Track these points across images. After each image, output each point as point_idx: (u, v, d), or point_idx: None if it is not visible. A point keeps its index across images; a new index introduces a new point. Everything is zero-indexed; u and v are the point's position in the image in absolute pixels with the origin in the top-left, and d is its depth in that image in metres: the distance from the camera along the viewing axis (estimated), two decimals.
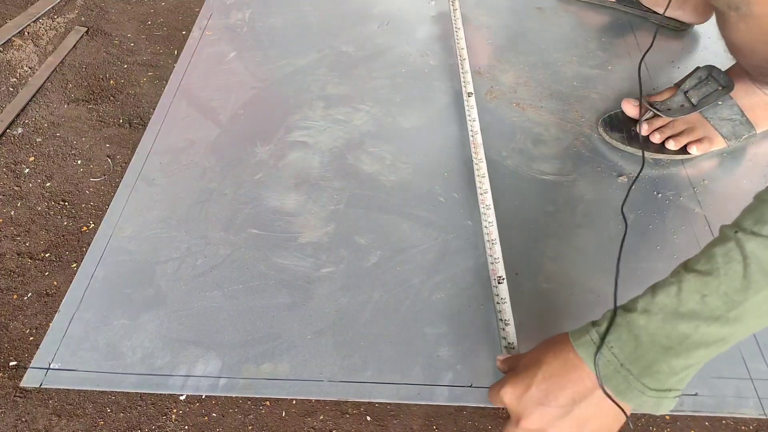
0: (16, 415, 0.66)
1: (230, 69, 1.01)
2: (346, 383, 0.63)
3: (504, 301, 0.67)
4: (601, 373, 0.49)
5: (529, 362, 0.54)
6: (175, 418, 0.66)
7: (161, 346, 0.66)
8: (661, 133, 0.84)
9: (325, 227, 0.77)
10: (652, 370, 0.47)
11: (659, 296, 0.48)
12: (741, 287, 0.44)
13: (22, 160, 0.91)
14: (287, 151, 0.87)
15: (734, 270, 0.45)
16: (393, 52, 1.05)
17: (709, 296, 0.45)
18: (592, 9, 1.15)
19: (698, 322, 0.46)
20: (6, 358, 0.70)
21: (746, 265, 0.44)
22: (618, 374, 0.48)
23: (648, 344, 0.47)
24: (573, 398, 0.50)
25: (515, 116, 0.93)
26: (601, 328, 0.51)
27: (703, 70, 0.84)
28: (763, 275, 0.44)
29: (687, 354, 0.46)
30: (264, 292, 0.71)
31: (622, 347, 0.49)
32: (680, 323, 0.46)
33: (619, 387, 0.48)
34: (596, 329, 0.51)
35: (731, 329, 0.45)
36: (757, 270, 0.44)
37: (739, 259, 0.45)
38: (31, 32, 1.14)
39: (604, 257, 0.74)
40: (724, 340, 0.46)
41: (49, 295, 0.76)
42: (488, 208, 0.77)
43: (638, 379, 0.48)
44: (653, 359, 0.47)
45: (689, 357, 0.46)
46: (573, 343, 0.52)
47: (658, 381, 0.47)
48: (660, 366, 0.47)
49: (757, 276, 0.44)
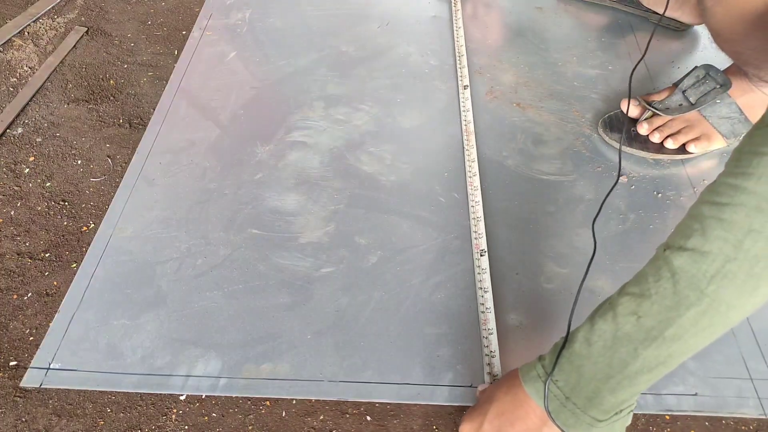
0: (16, 415, 0.66)
1: (230, 69, 1.01)
2: (346, 383, 0.63)
3: (491, 333, 0.67)
4: (549, 407, 0.49)
5: (484, 398, 0.55)
6: (175, 418, 0.66)
7: (161, 346, 0.66)
8: (661, 132, 0.85)
9: (325, 227, 0.77)
10: (596, 401, 0.47)
11: (597, 323, 0.48)
12: (672, 304, 0.44)
13: (22, 160, 0.91)
14: (287, 151, 0.87)
15: (664, 288, 0.44)
16: (393, 52, 1.05)
17: (643, 317, 0.45)
18: (592, 9, 1.15)
19: (636, 345, 0.45)
20: (6, 358, 0.70)
21: (675, 281, 0.44)
22: (565, 408, 0.48)
23: (590, 375, 0.47)
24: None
25: (515, 116, 0.93)
26: (546, 362, 0.51)
27: (701, 69, 0.84)
28: (692, 290, 0.43)
29: (629, 382, 0.46)
30: (264, 292, 0.71)
31: (566, 380, 0.49)
32: (619, 349, 0.46)
33: (568, 421, 0.48)
34: (542, 363, 0.51)
35: (670, 349, 0.44)
36: (686, 285, 0.43)
37: (668, 276, 0.44)
38: (31, 32, 1.14)
39: (605, 257, 0.74)
40: (665, 363, 0.45)
41: (49, 295, 0.75)
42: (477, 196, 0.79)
43: (585, 411, 0.47)
44: (597, 389, 0.47)
45: (632, 384, 0.46)
46: (521, 378, 0.52)
47: (605, 411, 0.47)
48: (605, 397, 0.47)
49: (687, 291, 0.43)
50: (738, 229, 0.41)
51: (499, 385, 0.55)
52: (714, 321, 0.43)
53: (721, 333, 0.44)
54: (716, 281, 0.42)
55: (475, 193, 0.80)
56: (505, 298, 0.70)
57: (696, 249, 0.43)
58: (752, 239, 0.41)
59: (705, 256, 0.42)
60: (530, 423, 0.51)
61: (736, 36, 0.72)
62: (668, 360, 0.45)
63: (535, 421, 0.50)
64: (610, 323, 0.47)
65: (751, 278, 0.41)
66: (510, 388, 0.53)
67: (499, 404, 0.53)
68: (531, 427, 0.51)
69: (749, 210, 0.41)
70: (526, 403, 0.51)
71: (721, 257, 0.42)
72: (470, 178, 0.82)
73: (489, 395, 0.55)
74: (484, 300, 0.69)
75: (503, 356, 0.65)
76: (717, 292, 0.42)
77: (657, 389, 0.63)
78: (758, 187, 0.41)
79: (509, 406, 0.52)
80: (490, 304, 0.68)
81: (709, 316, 0.42)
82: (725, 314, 0.42)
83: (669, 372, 0.46)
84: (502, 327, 0.68)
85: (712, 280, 0.42)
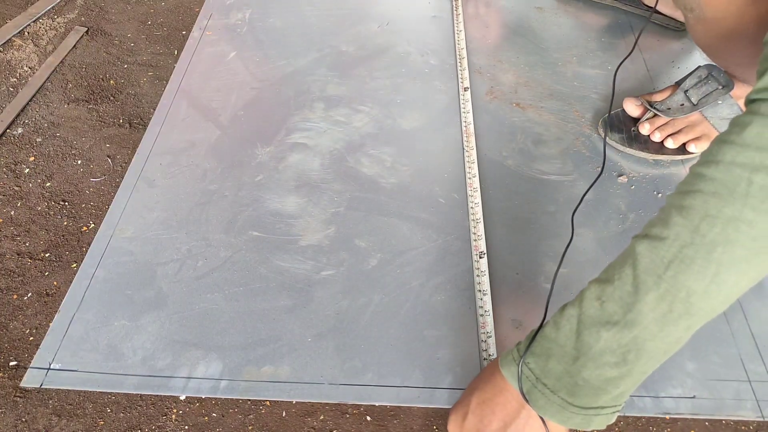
0: (16, 415, 0.66)
1: (230, 69, 1.01)
2: (346, 386, 0.64)
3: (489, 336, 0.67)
4: (522, 389, 0.50)
5: (467, 390, 0.56)
6: (175, 418, 0.66)
7: (162, 347, 0.67)
8: (662, 131, 0.85)
9: (326, 230, 0.77)
10: (565, 382, 0.48)
11: (566, 309, 0.49)
12: (632, 289, 0.44)
13: (22, 160, 0.91)
14: (288, 153, 0.87)
15: (626, 273, 0.45)
16: (393, 52, 1.05)
17: (606, 302, 0.46)
18: (592, 9, 1.14)
19: (599, 327, 0.46)
20: (6, 358, 0.70)
21: (635, 267, 0.44)
22: (535, 389, 0.49)
23: (558, 356, 0.48)
24: (504, 421, 0.51)
25: (515, 116, 0.93)
26: (521, 346, 0.52)
27: (703, 69, 0.84)
28: (650, 275, 0.43)
29: (594, 364, 0.46)
30: (265, 295, 0.71)
31: (536, 362, 0.49)
32: (583, 331, 0.47)
33: (539, 402, 0.49)
34: (517, 348, 0.52)
35: (632, 333, 0.45)
36: (644, 270, 0.44)
37: (630, 262, 0.45)
38: (31, 32, 1.14)
39: (604, 257, 0.74)
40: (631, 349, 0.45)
41: (49, 295, 0.76)
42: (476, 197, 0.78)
43: (555, 392, 0.48)
44: (565, 371, 0.47)
45: (599, 367, 0.46)
46: (499, 364, 0.53)
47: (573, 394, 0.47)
48: (572, 377, 0.47)
49: (644, 276, 0.44)
50: (695, 214, 0.42)
51: (480, 375, 0.56)
52: (674, 307, 0.43)
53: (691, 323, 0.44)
54: (674, 266, 0.42)
55: (475, 194, 0.80)
56: (505, 299, 0.71)
57: (656, 236, 0.44)
58: (708, 224, 0.41)
59: (663, 242, 0.43)
60: (510, 408, 0.51)
61: (718, 51, 0.74)
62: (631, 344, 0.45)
63: (514, 405, 0.51)
64: (577, 308, 0.48)
65: (710, 263, 0.41)
66: (490, 377, 0.54)
67: (480, 393, 0.54)
68: (510, 412, 0.51)
69: (706, 195, 0.42)
70: (506, 389, 0.52)
71: (678, 242, 0.42)
72: (470, 179, 0.82)
73: (472, 387, 0.56)
74: (483, 303, 0.69)
75: None
76: (675, 278, 0.42)
77: (655, 391, 0.63)
78: (717, 173, 0.42)
79: (490, 394, 0.53)
80: (488, 307, 0.68)
81: (668, 302, 0.43)
82: (686, 300, 0.42)
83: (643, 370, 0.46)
84: (501, 327, 0.68)
85: (670, 265, 0.42)
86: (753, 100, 0.43)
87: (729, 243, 0.41)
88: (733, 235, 0.41)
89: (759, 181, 0.40)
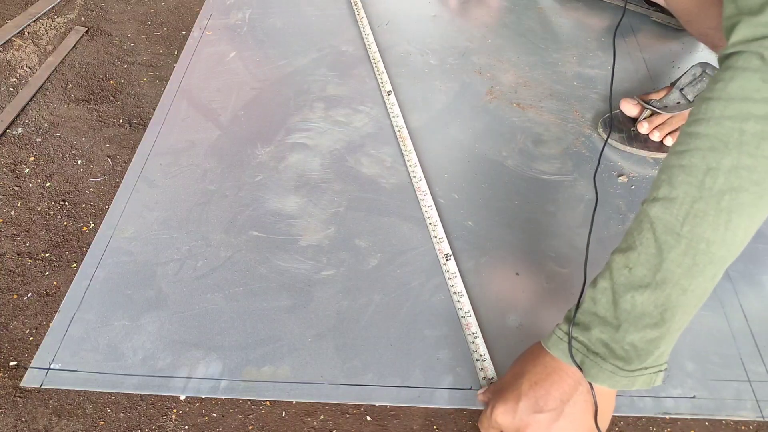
0: (16, 415, 0.66)
1: (230, 69, 1.01)
2: (346, 386, 0.64)
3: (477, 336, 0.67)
4: (577, 363, 0.52)
5: (511, 378, 0.55)
6: (175, 418, 0.66)
7: (162, 347, 0.67)
8: (660, 130, 0.85)
9: (326, 230, 0.77)
10: (612, 349, 0.50)
11: (599, 282, 0.51)
12: (655, 251, 0.47)
13: (22, 160, 0.91)
14: (288, 153, 0.87)
15: (646, 238, 0.48)
16: (393, 52, 1.05)
17: (633, 267, 0.48)
18: (592, 9, 1.15)
19: (632, 293, 0.48)
20: (6, 358, 0.70)
21: (654, 230, 0.47)
22: (588, 359, 0.51)
23: (601, 327, 0.50)
24: (561, 398, 0.52)
25: (515, 116, 0.93)
26: (563, 326, 0.54)
27: (697, 67, 0.84)
28: (669, 235, 0.46)
29: (636, 327, 0.48)
30: (265, 295, 0.71)
31: (583, 335, 0.51)
32: (619, 299, 0.49)
33: (592, 371, 0.51)
34: (560, 328, 0.54)
35: (665, 292, 0.47)
36: (663, 231, 0.47)
37: (647, 226, 0.48)
38: (31, 32, 1.14)
39: (604, 256, 0.74)
40: (667, 307, 0.47)
41: (49, 295, 0.76)
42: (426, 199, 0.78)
43: (606, 360, 0.50)
44: (611, 339, 0.50)
45: (640, 330, 0.48)
46: (545, 346, 0.54)
47: (625, 360, 0.49)
48: (620, 344, 0.49)
49: (665, 237, 0.47)
50: (697, 170, 0.46)
51: (522, 362, 0.56)
52: (698, 259, 0.46)
53: (716, 270, 0.47)
54: (689, 222, 0.46)
55: (425, 197, 0.80)
56: (504, 299, 0.71)
57: (666, 197, 0.47)
58: (712, 177, 0.45)
59: (674, 202, 0.47)
60: (565, 385, 0.52)
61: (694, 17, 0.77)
62: (666, 303, 0.47)
63: (569, 382, 0.52)
64: (608, 279, 0.50)
65: (721, 212, 0.45)
66: (537, 359, 0.55)
67: (530, 376, 0.54)
68: (566, 389, 0.52)
69: (704, 151, 0.45)
70: (558, 368, 0.53)
71: (688, 199, 0.46)
72: (416, 183, 0.82)
73: (516, 373, 0.55)
74: (462, 305, 0.69)
75: (504, 356, 0.65)
76: (692, 232, 0.46)
77: (655, 392, 0.63)
78: (709, 129, 0.46)
79: (541, 375, 0.53)
80: (468, 308, 0.68)
81: (691, 255, 0.46)
82: (707, 251, 0.46)
83: (679, 325, 0.48)
84: (502, 328, 0.68)
85: (685, 221, 0.46)
86: (727, 55, 0.47)
87: (734, 190, 0.44)
88: (736, 182, 0.44)
89: (750, 129, 0.44)
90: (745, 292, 0.71)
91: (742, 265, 0.74)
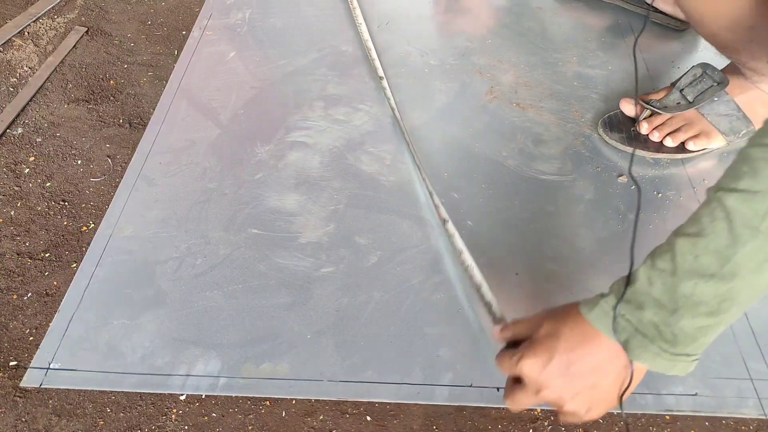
0: (16, 415, 0.66)
1: (230, 69, 1.01)
2: (346, 383, 0.63)
3: (481, 286, 0.67)
4: (620, 340, 0.51)
5: (545, 335, 0.55)
6: (175, 417, 0.66)
7: (161, 345, 0.66)
8: (660, 130, 0.85)
9: (325, 227, 0.77)
10: (663, 333, 0.49)
11: (657, 263, 0.50)
12: (728, 242, 0.46)
13: (22, 160, 0.91)
14: (287, 151, 0.87)
15: (720, 227, 0.47)
16: (393, 52, 1.05)
17: (701, 256, 0.47)
18: (592, 9, 1.15)
19: (696, 280, 0.47)
20: (6, 358, 0.70)
21: (730, 221, 0.46)
22: (634, 339, 0.50)
23: (654, 308, 0.49)
24: (594, 368, 0.52)
25: (515, 116, 0.93)
26: (609, 299, 0.53)
27: (698, 68, 0.85)
28: (746, 228, 0.45)
29: (691, 314, 0.48)
30: (264, 292, 0.71)
31: (632, 314, 0.51)
32: (680, 284, 0.48)
33: (635, 351, 0.50)
34: (605, 301, 0.53)
35: (729, 284, 0.46)
36: (741, 224, 0.46)
37: (722, 216, 0.47)
38: (31, 32, 1.14)
39: (605, 257, 0.74)
40: (726, 298, 0.47)
41: (49, 295, 0.76)
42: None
43: (653, 342, 0.49)
44: (662, 321, 0.49)
45: (694, 317, 0.48)
46: (586, 316, 0.54)
47: (672, 343, 0.49)
48: (670, 328, 0.49)
49: (741, 230, 0.46)
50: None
51: (559, 321, 0.56)
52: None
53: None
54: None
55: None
56: (505, 299, 0.70)
57: (747, 189, 0.46)
58: None
59: (756, 196, 0.45)
60: (601, 357, 0.52)
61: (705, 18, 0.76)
62: (728, 294, 0.47)
63: (606, 355, 0.52)
64: (669, 262, 0.49)
65: None
66: (575, 325, 0.55)
67: (567, 341, 0.54)
68: (601, 361, 0.52)
69: None
70: (597, 339, 0.53)
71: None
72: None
73: (550, 332, 0.55)
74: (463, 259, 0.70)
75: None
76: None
77: (657, 389, 0.63)
78: None
79: (578, 342, 0.53)
80: (471, 262, 0.69)
81: (765, 252, 0.45)
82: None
83: (731, 318, 0.48)
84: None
85: (765, 217, 0.45)
86: None
87: None
88: None
89: None
90: None
91: None
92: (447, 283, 0.72)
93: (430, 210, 0.78)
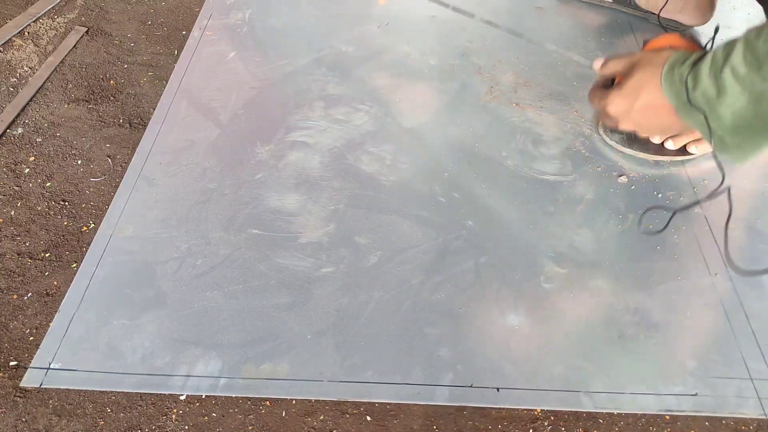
0: (16, 415, 0.66)
1: (230, 69, 1.01)
2: (346, 383, 0.63)
3: None
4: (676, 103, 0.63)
5: (632, 86, 0.68)
6: (175, 418, 0.66)
7: (161, 346, 0.66)
8: None
9: (325, 227, 0.77)
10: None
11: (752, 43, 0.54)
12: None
13: (22, 160, 0.91)
14: (287, 151, 0.87)
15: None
16: (393, 52, 1.05)
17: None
18: (592, 9, 1.15)
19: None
20: (6, 358, 0.70)
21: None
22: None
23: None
24: (662, 128, 0.73)
25: (515, 116, 0.93)
26: (683, 68, 0.62)
27: None
28: None
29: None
30: (264, 292, 0.71)
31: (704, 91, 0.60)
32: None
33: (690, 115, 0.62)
34: (681, 71, 0.62)
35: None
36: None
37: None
38: (31, 32, 1.14)
39: (604, 257, 0.74)
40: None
41: (49, 295, 0.76)
42: None
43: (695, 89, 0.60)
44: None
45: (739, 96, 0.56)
46: (663, 84, 0.64)
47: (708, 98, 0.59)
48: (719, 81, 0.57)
49: None
50: None
51: (645, 78, 0.66)
52: None
53: None
54: None
55: None
56: (505, 298, 0.70)
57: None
58: None
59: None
60: (669, 120, 0.66)
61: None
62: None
63: (673, 119, 0.65)
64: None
65: None
66: (654, 90, 0.65)
67: (646, 99, 0.66)
68: (668, 124, 0.67)
69: None
70: (667, 107, 0.65)
71: None
72: None
73: (636, 86, 0.67)
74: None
75: (504, 356, 0.65)
76: None
77: (657, 389, 0.63)
78: None
79: (653, 105, 0.66)
80: None
81: None
82: None
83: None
84: (502, 328, 0.68)
85: None
86: None
87: None
88: None
89: None
90: (746, 291, 0.71)
91: (742, 264, 0.74)
92: (447, 283, 0.72)
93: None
